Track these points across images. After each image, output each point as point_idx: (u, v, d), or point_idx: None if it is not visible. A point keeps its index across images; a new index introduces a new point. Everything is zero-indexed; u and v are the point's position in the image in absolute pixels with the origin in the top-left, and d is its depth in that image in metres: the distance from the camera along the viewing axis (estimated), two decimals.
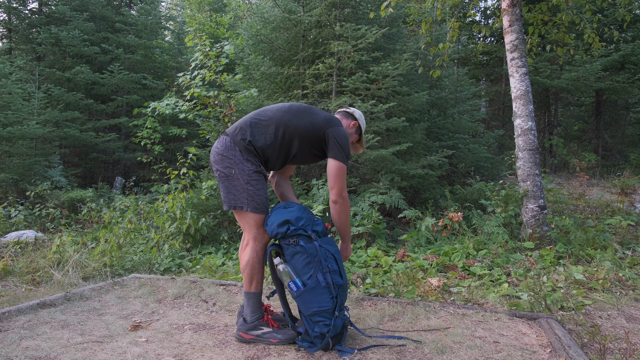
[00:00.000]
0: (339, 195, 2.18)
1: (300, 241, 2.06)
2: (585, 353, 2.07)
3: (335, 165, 2.16)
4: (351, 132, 2.44)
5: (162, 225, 4.77)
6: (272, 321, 2.22)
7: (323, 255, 2.07)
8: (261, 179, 2.18)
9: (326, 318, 2.04)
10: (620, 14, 5.57)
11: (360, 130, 2.47)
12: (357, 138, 2.49)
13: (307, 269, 2.06)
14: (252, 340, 2.18)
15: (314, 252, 2.06)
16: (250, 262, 2.18)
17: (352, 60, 5.33)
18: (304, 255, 2.06)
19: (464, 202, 5.47)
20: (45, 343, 2.13)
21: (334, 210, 2.23)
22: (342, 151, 2.17)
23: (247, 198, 2.14)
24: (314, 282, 2.04)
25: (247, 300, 2.23)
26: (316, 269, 2.05)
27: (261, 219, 2.18)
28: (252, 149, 2.17)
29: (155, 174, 9.82)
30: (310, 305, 2.05)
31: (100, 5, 11.88)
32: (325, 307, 2.04)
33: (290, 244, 2.07)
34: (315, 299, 2.04)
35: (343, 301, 2.12)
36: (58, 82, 10.88)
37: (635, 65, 10.89)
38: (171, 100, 6.28)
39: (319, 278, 2.04)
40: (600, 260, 3.67)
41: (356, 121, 2.44)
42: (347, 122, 2.43)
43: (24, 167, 8.49)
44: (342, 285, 2.11)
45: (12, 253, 4.53)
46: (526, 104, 4.60)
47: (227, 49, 6.26)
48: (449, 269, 3.66)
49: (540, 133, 13.22)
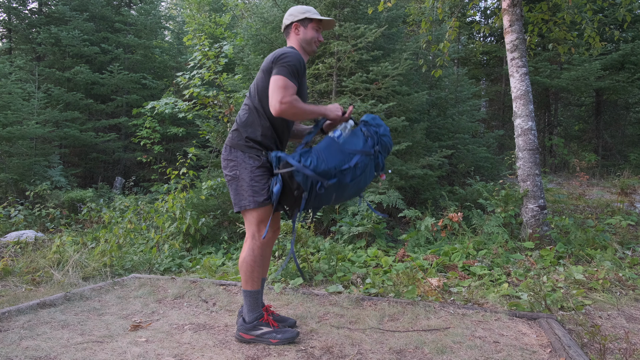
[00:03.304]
0: (279, 104, 2.03)
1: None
2: (585, 353, 2.07)
3: (272, 80, 2.08)
4: (302, 32, 2.26)
5: (162, 225, 4.76)
6: (272, 321, 2.21)
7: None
8: (266, 174, 2.18)
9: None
10: (620, 13, 5.57)
11: (306, 21, 2.25)
12: (315, 26, 2.27)
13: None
14: (252, 341, 2.18)
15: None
16: (246, 260, 2.19)
17: (352, 59, 5.33)
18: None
19: (463, 202, 5.47)
20: (45, 343, 2.13)
21: (288, 118, 2.14)
22: (279, 67, 2.07)
23: (251, 195, 2.14)
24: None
25: (245, 298, 2.23)
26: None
27: (263, 214, 2.17)
28: (253, 144, 2.19)
29: (155, 174, 9.81)
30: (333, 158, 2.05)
31: (100, 5, 11.88)
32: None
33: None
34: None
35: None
36: (58, 82, 10.87)
37: (635, 65, 10.89)
38: (170, 100, 6.28)
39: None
40: (600, 260, 3.67)
41: (293, 23, 2.26)
42: (292, 34, 2.27)
43: (23, 167, 8.49)
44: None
45: (12, 253, 4.53)
46: (526, 103, 4.60)
47: (226, 49, 6.25)
48: (449, 269, 3.66)
49: (540, 133, 13.22)
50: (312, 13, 2.26)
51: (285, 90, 2.05)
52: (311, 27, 2.27)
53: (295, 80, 2.10)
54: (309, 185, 2.01)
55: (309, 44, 2.28)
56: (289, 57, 2.10)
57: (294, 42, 2.28)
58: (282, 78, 2.05)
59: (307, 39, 2.27)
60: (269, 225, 2.21)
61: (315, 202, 2.07)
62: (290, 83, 2.06)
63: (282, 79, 2.05)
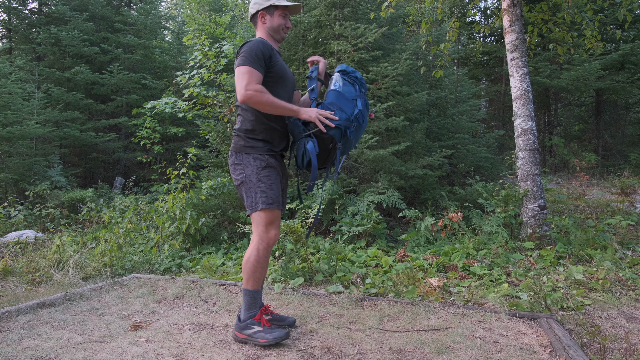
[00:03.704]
0: (244, 89, 2.05)
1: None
2: (585, 353, 2.07)
3: (235, 72, 2.12)
4: (268, 21, 2.25)
5: (162, 225, 4.76)
6: (264, 320, 2.19)
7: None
8: (272, 174, 2.19)
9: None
10: (621, 13, 5.57)
11: (272, 8, 2.23)
12: (281, 13, 2.25)
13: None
14: (244, 340, 2.17)
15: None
16: (250, 260, 2.18)
17: (352, 59, 5.33)
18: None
19: (463, 202, 5.47)
20: (45, 343, 2.13)
21: (255, 107, 2.13)
22: (239, 58, 2.11)
23: (260, 196, 2.15)
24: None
25: (244, 297, 2.23)
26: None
27: (271, 215, 2.17)
28: (254, 143, 2.19)
29: (155, 174, 9.80)
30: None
31: (100, 5, 11.88)
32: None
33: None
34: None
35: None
36: (58, 82, 10.87)
37: (635, 65, 10.89)
38: (170, 99, 6.28)
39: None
40: (600, 260, 3.67)
41: (258, 13, 2.24)
42: (260, 23, 2.26)
43: (23, 167, 8.48)
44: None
45: (12, 253, 4.53)
46: (526, 104, 4.60)
47: (226, 48, 6.25)
48: (449, 269, 3.66)
49: (540, 133, 13.22)
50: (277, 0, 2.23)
51: (250, 75, 2.07)
52: (277, 14, 2.25)
53: (260, 66, 2.11)
54: (340, 135, 2.14)
55: (276, 32, 2.26)
56: (247, 46, 2.12)
57: (261, 31, 2.27)
58: (243, 67, 2.08)
59: (274, 27, 2.25)
60: (275, 227, 2.21)
61: (345, 149, 2.23)
62: (253, 70, 2.07)
63: (243, 67, 2.08)
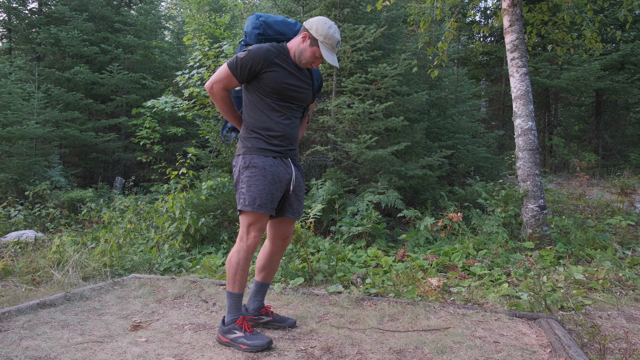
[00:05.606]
0: (211, 84, 2.21)
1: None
2: (585, 353, 2.07)
3: (223, 63, 2.24)
4: (304, 46, 2.17)
5: (162, 225, 4.76)
6: (246, 326, 2.15)
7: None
8: (255, 175, 2.13)
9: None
10: (621, 14, 5.56)
11: (315, 41, 2.15)
12: (317, 52, 2.17)
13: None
14: (227, 344, 2.14)
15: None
16: (230, 261, 2.18)
17: (351, 60, 5.33)
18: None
19: (463, 202, 5.47)
20: (45, 343, 2.13)
21: (213, 101, 2.33)
22: (235, 57, 2.18)
23: (239, 197, 2.16)
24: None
25: (227, 298, 2.22)
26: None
27: (251, 218, 2.13)
28: (247, 142, 2.21)
29: (155, 174, 9.80)
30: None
31: (100, 5, 11.87)
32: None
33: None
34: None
35: None
36: (58, 82, 10.87)
37: (635, 65, 10.89)
38: (170, 99, 6.28)
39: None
40: (600, 260, 3.67)
41: (306, 32, 2.18)
42: (299, 37, 2.21)
43: (23, 167, 8.48)
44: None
45: (12, 253, 4.53)
46: (526, 104, 4.60)
47: (226, 48, 6.25)
48: (449, 269, 3.66)
49: (540, 133, 13.22)
50: (327, 44, 2.15)
51: (224, 77, 2.18)
52: (314, 50, 2.17)
53: (240, 76, 2.16)
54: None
55: (301, 57, 2.20)
56: (245, 52, 2.16)
57: (295, 43, 2.23)
58: (227, 67, 2.18)
59: (303, 53, 2.19)
60: (255, 230, 2.15)
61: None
62: (230, 75, 2.17)
63: (226, 67, 2.18)
